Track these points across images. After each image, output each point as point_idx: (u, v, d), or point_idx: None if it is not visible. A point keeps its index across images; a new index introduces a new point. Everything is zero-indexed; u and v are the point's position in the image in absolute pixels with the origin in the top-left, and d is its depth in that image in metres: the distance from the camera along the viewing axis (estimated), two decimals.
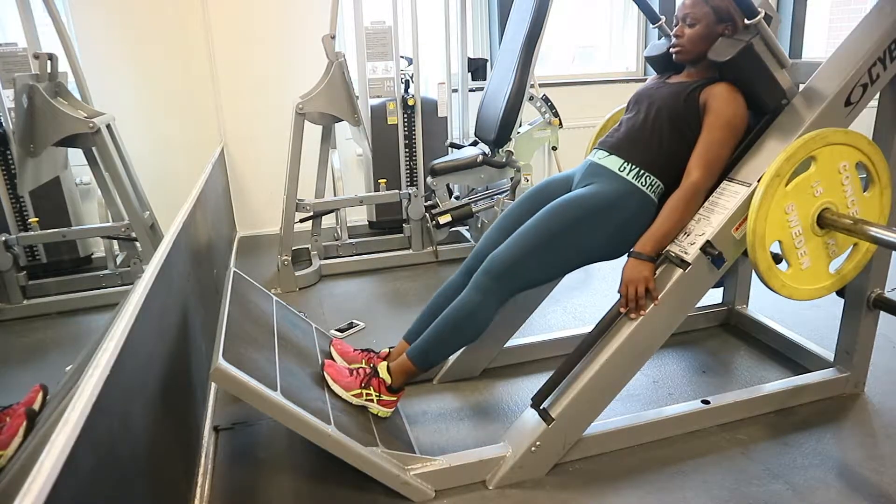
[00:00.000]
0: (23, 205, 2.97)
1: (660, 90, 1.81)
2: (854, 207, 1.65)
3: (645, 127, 1.76)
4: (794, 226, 1.60)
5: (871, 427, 1.84)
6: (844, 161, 1.61)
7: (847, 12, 5.22)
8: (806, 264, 1.64)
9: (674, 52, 1.79)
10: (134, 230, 2.84)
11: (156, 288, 1.34)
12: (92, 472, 0.88)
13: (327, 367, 1.76)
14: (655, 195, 1.72)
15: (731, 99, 1.66)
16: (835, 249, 1.68)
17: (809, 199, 1.60)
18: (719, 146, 1.66)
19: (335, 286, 3.09)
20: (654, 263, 1.62)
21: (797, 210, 1.59)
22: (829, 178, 1.61)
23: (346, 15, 3.51)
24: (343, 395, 1.70)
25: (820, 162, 1.59)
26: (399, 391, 1.75)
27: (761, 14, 1.62)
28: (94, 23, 3.45)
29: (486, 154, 3.15)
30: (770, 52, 1.65)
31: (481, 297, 1.66)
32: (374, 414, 1.72)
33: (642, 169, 1.71)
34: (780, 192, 1.56)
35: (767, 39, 1.64)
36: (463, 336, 1.70)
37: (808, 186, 1.59)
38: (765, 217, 1.55)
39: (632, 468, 1.69)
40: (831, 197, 1.62)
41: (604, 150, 1.79)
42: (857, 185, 1.65)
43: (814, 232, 1.63)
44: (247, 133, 3.84)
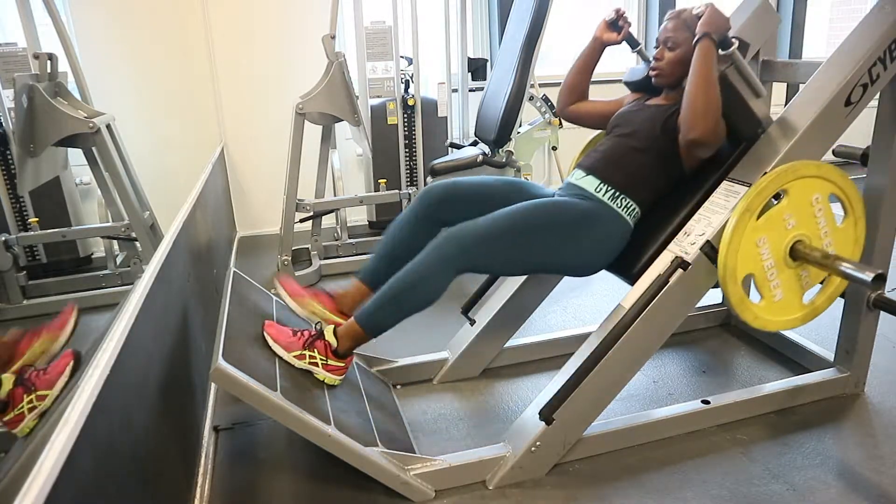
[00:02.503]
0: (23, 205, 2.97)
1: (638, 113, 1.83)
2: (828, 239, 1.65)
3: (622, 149, 1.77)
4: (766, 259, 1.60)
5: (871, 427, 1.84)
6: (817, 193, 1.61)
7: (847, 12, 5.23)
8: (779, 296, 1.64)
9: (653, 74, 1.81)
10: (134, 230, 2.84)
11: (156, 288, 1.33)
12: (92, 472, 0.88)
13: (268, 326, 1.70)
14: (631, 218, 1.73)
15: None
16: (808, 281, 1.67)
17: (781, 231, 1.60)
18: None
19: (335, 286, 3.08)
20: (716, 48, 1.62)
21: (769, 243, 1.60)
22: (801, 210, 1.61)
23: (346, 15, 3.51)
24: (284, 356, 1.65)
25: (792, 195, 1.59)
26: (346, 356, 1.70)
27: (735, 45, 1.63)
28: (94, 23, 3.45)
29: (486, 154, 3.15)
30: (745, 82, 1.66)
31: (440, 264, 1.60)
32: (322, 381, 1.67)
33: (618, 191, 1.71)
34: (750, 226, 1.56)
35: (741, 69, 1.65)
36: (415, 302, 1.64)
37: (780, 219, 1.59)
38: (736, 251, 1.55)
39: (632, 468, 1.69)
40: (804, 229, 1.62)
41: (581, 171, 1.79)
42: (831, 217, 1.64)
43: (786, 264, 1.63)
44: (247, 133, 3.84)
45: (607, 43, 1.91)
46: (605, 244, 1.71)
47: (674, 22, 1.76)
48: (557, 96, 2.05)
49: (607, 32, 1.90)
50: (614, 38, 1.90)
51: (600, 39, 1.91)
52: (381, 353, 2.14)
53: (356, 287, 1.79)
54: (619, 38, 1.90)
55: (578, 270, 1.75)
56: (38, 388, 1.42)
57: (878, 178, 1.80)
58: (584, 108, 2.02)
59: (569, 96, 2.01)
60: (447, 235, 1.63)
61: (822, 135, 1.65)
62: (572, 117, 2.05)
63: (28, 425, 1.40)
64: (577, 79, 1.99)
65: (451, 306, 2.47)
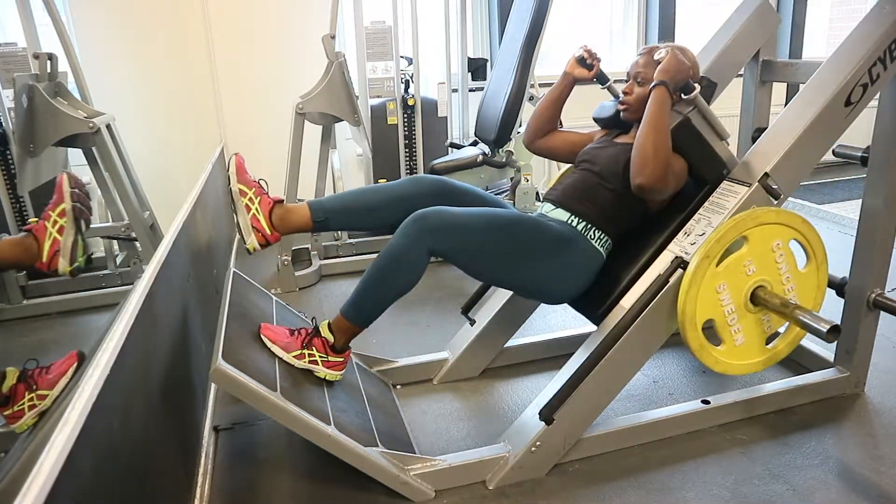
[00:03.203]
0: (22, 205, 2.96)
1: (605, 150, 1.83)
2: (789, 284, 1.65)
3: (588, 184, 1.78)
4: (727, 304, 1.61)
5: (871, 427, 1.84)
6: (777, 240, 1.62)
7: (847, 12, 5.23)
8: (740, 341, 1.65)
9: (621, 108, 1.83)
10: (134, 230, 2.84)
11: (156, 288, 1.33)
12: (92, 472, 0.87)
13: (264, 329, 1.69)
14: (604, 249, 1.74)
15: (672, 161, 1.66)
16: (770, 325, 1.68)
17: (742, 277, 1.61)
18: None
19: (335, 286, 3.09)
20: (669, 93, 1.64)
21: (729, 289, 1.60)
22: (761, 257, 1.61)
23: (346, 15, 3.51)
24: (284, 356, 1.64)
25: (752, 242, 1.59)
26: (344, 351, 1.70)
27: (697, 90, 1.65)
28: (94, 23, 3.45)
29: (486, 154, 3.15)
30: (708, 125, 1.67)
31: (409, 241, 1.56)
32: (322, 379, 1.67)
33: (589, 223, 1.72)
34: (710, 273, 1.57)
35: (705, 113, 1.66)
36: (393, 284, 1.60)
37: (739, 266, 1.60)
38: (695, 297, 1.56)
39: (632, 468, 1.69)
40: (765, 275, 1.62)
41: (550, 204, 1.80)
42: (793, 263, 1.65)
43: (747, 309, 1.64)
44: (247, 133, 3.83)
45: (578, 79, 1.91)
46: (577, 270, 1.70)
47: (645, 58, 1.77)
48: (525, 130, 2.03)
49: (578, 68, 1.90)
50: (585, 74, 1.90)
51: (571, 75, 1.91)
52: (381, 353, 2.14)
53: (301, 209, 1.71)
54: (591, 74, 1.90)
55: (547, 293, 1.73)
56: (39, 386, 1.42)
57: (878, 178, 1.80)
58: (553, 140, 2.01)
59: (538, 130, 2.00)
60: (417, 215, 1.59)
61: (822, 135, 1.65)
62: (541, 150, 2.03)
63: (27, 422, 1.40)
64: (547, 112, 1.98)
65: (451, 306, 2.48)
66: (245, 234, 1.68)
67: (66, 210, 1.46)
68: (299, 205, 1.73)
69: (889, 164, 1.77)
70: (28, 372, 1.44)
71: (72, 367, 1.45)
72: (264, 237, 1.69)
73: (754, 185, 1.62)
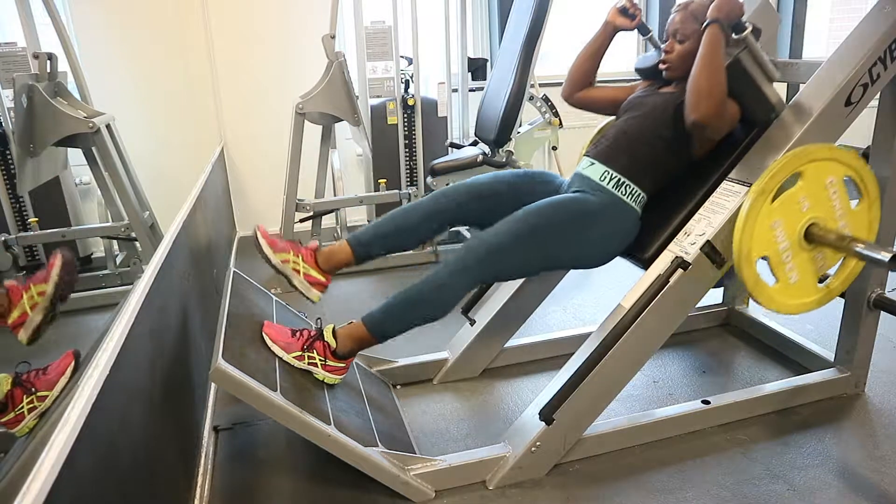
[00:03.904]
0: (22, 205, 2.96)
1: (650, 98, 1.82)
2: (842, 221, 1.65)
3: (631, 134, 1.76)
4: (781, 241, 1.60)
5: (871, 427, 1.84)
6: (831, 176, 1.61)
7: (847, 12, 5.23)
8: (794, 279, 1.64)
9: (663, 67, 1.81)
10: (134, 230, 2.84)
11: (156, 288, 1.33)
12: (92, 472, 0.87)
13: (266, 327, 1.70)
14: (637, 204, 1.73)
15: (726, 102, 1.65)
16: (823, 264, 1.67)
17: (796, 214, 1.60)
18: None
19: (335, 286, 3.07)
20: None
21: (784, 226, 1.59)
22: (816, 193, 1.60)
23: (346, 15, 3.51)
24: (284, 356, 1.65)
25: (806, 178, 1.59)
26: (346, 358, 1.69)
27: (749, 28, 1.63)
28: (94, 23, 3.45)
29: (486, 154, 3.15)
30: (758, 66, 1.66)
31: (456, 276, 1.61)
32: (321, 381, 1.67)
33: (623, 177, 1.71)
34: (765, 209, 1.56)
35: (755, 53, 1.65)
36: (426, 313, 1.64)
37: (794, 202, 1.59)
38: (750, 234, 1.55)
39: (632, 468, 1.69)
40: (819, 212, 1.62)
41: (588, 159, 1.79)
42: (845, 199, 1.64)
43: (801, 247, 1.63)
44: (247, 133, 3.83)
45: (619, 28, 1.89)
46: (614, 236, 1.72)
47: (681, 14, 1.75)
48: (564, 83, 1.99)
49: (620, 18, 1.88)
50: (627, 23, 1.87)
51: (612, 24, 1.89)
52: (381, 354, 2.14)
53: (342, 248, 1.76)
54: (633, 24, 1.88)
55: (592, 262, 1.76)
56: (38, 388, 1.42)
57: (878, 178, 1.80)
58: (594, 93, 1.99)
59: (578, 82, 1.97)
60: (463, 248, 1.64)
61: (823, 135, 1.64)
62: (582, 103, 2.00)
63: (28, 425, 1.40)
64: (586, 64, 1.95)
65: None
66: (306, 292, 1.74)
67: (45, 292, 1.49)
68: (339, 244, 1.78)
69: (889, 163, 1.77)
70: (23, 376, 1.44)
71: (69, 366, 1.45)
72: (322, 285, 1.75)
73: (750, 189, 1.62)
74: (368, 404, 1.78)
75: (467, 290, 1.65)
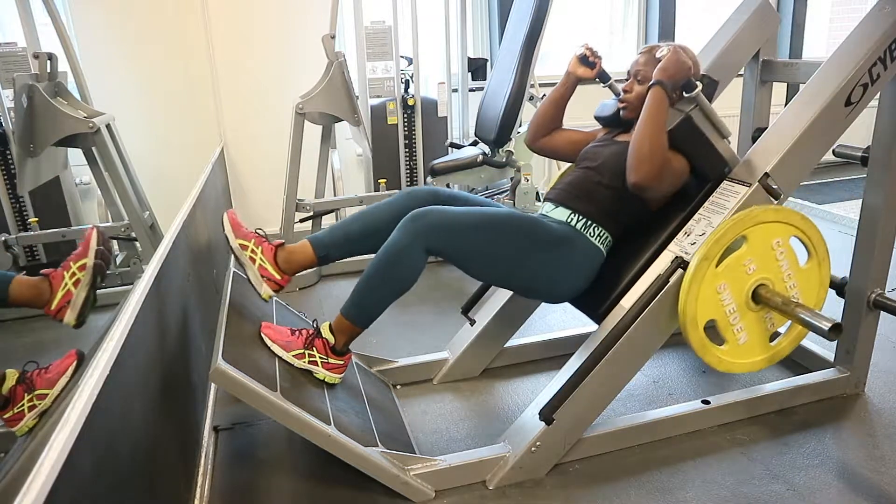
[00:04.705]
0: (22, 205, 2.96)
1: (606, 148, 1.84)
2: (791, 281, 1.65)
3: (588, 182, 1.78)
4: (728, 304, 1.61)
5: (871, 427, 1.84)
6: (777, 238, 1.62)
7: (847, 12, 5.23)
8: (743, 339, 1.65)
9: (621, 106, 1.84)
10: (134, 230, 2.84)
11: (156, 288, 1.33)
12: (92, 472, 0.87)
13: (265, 327, 1.70)
14: (604, 246, 1.74)
15: (672, 159, 1.66)
16: (773, 323, 1.67)
17: (742, 276, 1.61)
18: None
19: (335, 286, 3.09)
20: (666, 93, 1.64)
21: (730, 288, 1.60)
22: (762, 255, 1.61)
23: (346, 15, 3.51)
24: (284, 355, 1.65)
25: (751, 241, 1.59)
26: (345, 354, 1.70)
27: (699, 88, 1.64)
28: (94, 23, 3.45)
29: (486, 154, 3.15)
30: (710, 123, 1.67)
31: (408, 239, 1.57)
32: (322, 380, 1.67)
33: (589, 220, 1.72)
34: (710, 273, 1.57)
35: (706, 111, 1.66)
36: (392, 283, 1.60)
37: (740, 265, 1.60)
38: (695, 298, 1.56)
39: (632, 468, 1.69)
40: (766, 273, 1.62)
41: (551, 203, 1.80)
42: (794, 260, 1.65)
43: (749, 308, 1.64)
44: (247, 133, 3.83)
45: (580, 78, 1.91)
46: (577, 269, 1.70)
47: (645, 56, 1.78)
48: (528, 129, 2.03)
49: (580, 67, 1.89)
50: (588, 73, 1.90)
51: (574, 74, 1.91)
52: (381, 353, 2.14)
53: (303, 248, 1.72)
54: (593, 73, 1.90)
55: (547, 292, 1.74)
56: (37, 387, 1.42)
57: (878, 178, 1.80)
58: (556, 139, 2.01)
59: (540, 129, 1.99)
60: (415, 214, 1.59)
61: (823, 135, 1.65)
62: (544, 150, 2.03)
63: (27, 424, 1.40)
64: (549, 113, 1.98)
65: (451, 306, 2.48)
66: (257, 286, 1.70)
67: (87, 265, 1.48)
68: (300, 244, 1.74)
69: (889, 164, 1.77)
70: (27, 374, 1.44)
71: (71, 365, 1.45)
72: (275, 283, 1.71)
73: (754, 185, 1.62)
74: (368, 404, 1.78)
75: (422, 255, 1.59)
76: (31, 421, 1.40)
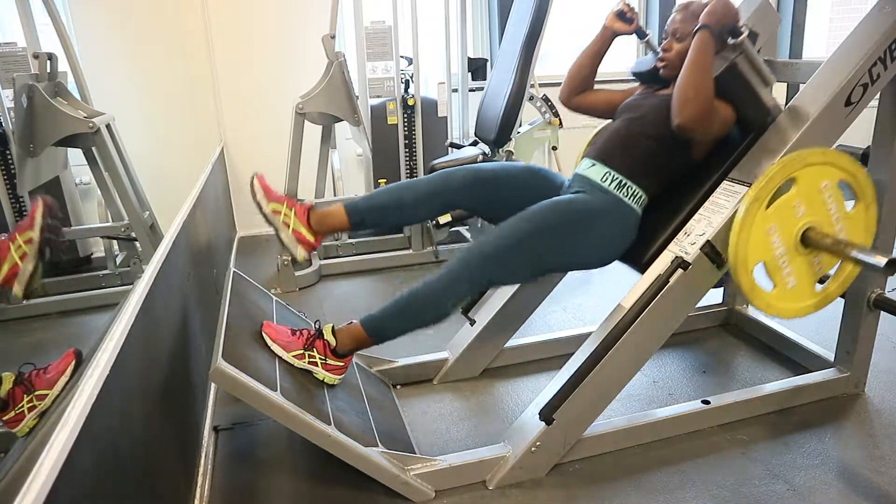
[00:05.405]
0: (22, 205, 2.96)
1: (647, 100, 1.83)
2: (839, 225, 1.65)
3: (629, 132, 1.76)
4: (777, 247, 1.60)
5: (871, 427, 1.84)
6: (826, 181, 1.61)
7: (847, 12, 5.23)
8: (791, 283, 1.64)
9: (660, 65, 1.81)
10: (134, 230, 2.84)
11: (156, 288, 1.33)
12: (92, 472, 0.87)
13: (265, 327, 1.70)
14: (639, 206, 1.73)
15: (718, 106, 1.66)
16: (821, 267, 1.67)
17: (791, 219, 1.60)
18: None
19: (335, 286, 3.09)
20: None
21: (779, 231, 1.59)
22: (811, 197, 1.60)
23: (346, 15, 3.51)
24: (284, 355, 1.65)
25: (800, 183, 1.59)
26: (346, 357, 1.70)
27: (745, 33, 1.63)
28: (94, 23, 3.45)
29: (486, 154, 3.15)
30: (754, 71, 1.66)
31: (457, 281, 1.61)
32: (321, 380, 1.67)
33: (624, 178, 1.71)
34: (760, 215, 1.56)
35: (751, 58, 1.65)
36: (426, 317, 1.64)
37: (789, 207, 1.59)
38: (746, 240, 1.55)
39: (632, 468, 1.69)
40: (814, 216, 1.62)
41: (589, 160, 1.79)
42: (841, 203, 1.64)
43: (798, 252, 1.63)
44: (247, 133, 3.84)
45: (618, 32, 1.90)
46: (615, 237, 1.72)
47: (682, 13, 1.76)
48: (562, 86, 2.00)
49: (618, 22, 1.89)
50: (625, 27, 1.88)
51: (611, 29, 1.89)
52: (381, 353, 2.14)
53: (338, 212, 1.74)
54: (630, 28, 1.88)
55: (592, 264, 1.76)
56: (37, 388, 1.42)
57: (879, 178, 1.80)
58: (592, 97, 1.99)
59: (576, 86, 1.98)
60: (465, 251, 1.63)
61: (822, 135, 1.64)
62: (580, 106, 2.01)
63: (28, 425, 1.40)
64: (585, 68, 1.96)
65: None
66: (293, 249, 1.72)
67: (32, 239, 1.47)
68: (335, 207, 1.75)
69: (889, 163, 1.77)
70: (25, 375, 1.44)
71: (70, 365, 1.45)
72: (310, 244, 1.73)
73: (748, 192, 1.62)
74: (368, 404, 1.78)
75: (465, 297, 1.65)
76: (31, 421, 1.40)
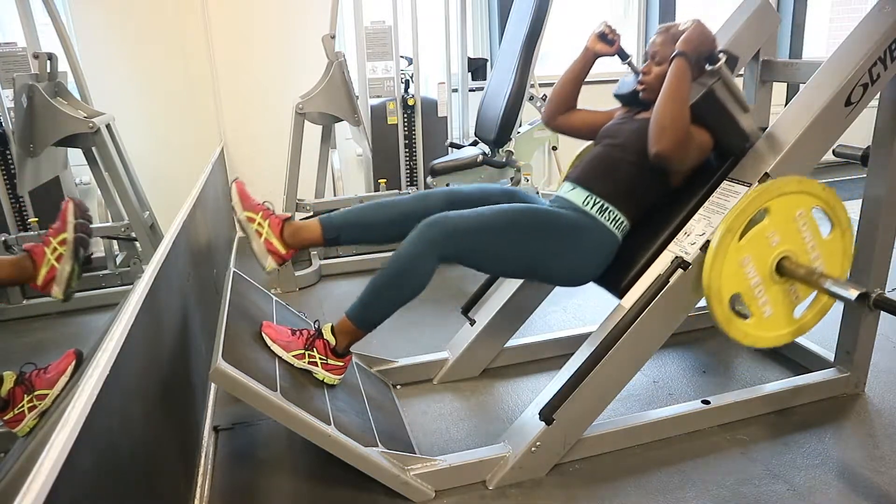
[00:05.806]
0: (22, 205, 2.96)
1: (626, 125, 1.83)
2: (815, 252, 1.65)
3: (609, 159, 1.77)
4: (752, 277, 1.60)
5: (871, 427, 1.84)
6: (800, 209, 1.61)
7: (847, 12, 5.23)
8: (768, 312, 1.64)
9: (639, 88, 1.82)
10: (134, 230, 2.84)
11: (156, 288, 1.33)
12: (92, 472, 0.87)
13: (265, 327, 1.70)
14: (619, 232, 1.73)
15: (696, 133, 1.66)
16: (797, 295, 1.67)
17: (766, 249, 1.60)
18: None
19: (335, 286, 3.09)
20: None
21: (754, 262, 1.59)
22: (785, 227, 1.60)
23: (346, 15, 3.51)
24: (284, 355, 1.65)
25: (773, 213, 1.59)
26: (345, 356, 1.70)
27: (723, 59, 1.63)
28: (94, 23, 3.45)
29: (486, 154, 3.15)
30: (732, 97, 1.66)
31: (422, 247, 1.58)
32: (321, 380, 1.67)
33: (606, 203, 1.71)
34: (733, 247, 1.56)
35: (729, 84, 1.65)
36: (402, 291, 1.61)
37: (763, 238, 1.59)
38: (719, 273, 1.56)
39: (632, 468, 1.69)
40: (789, 245, 1.62)
41: (570, 183, 1.80)
42: (816, 231, 1.64)
43: (773, 280, 1.63)
44: (247, 133, 3.83)
45: (599, 54, 1.91)
46: (592, 256, 1.70)
47: (662, 36, 1.77)
48: (545, 106, 2.03)
49: (599, 44, 1.90)
50: (607, 49, 1.89)
51: (592, 50, 1.91)
52: (381, 353, 2.14)
53: (312, 226, 1.74)
54: (612, 50, 1.90)
55: (565, 279, 1.74)
56: (37, 388, 1.42)
57: (879, 178, 1.80)
58: (574, 117, 2.01)
59: (558, 107, 2.00)
60: (429, 221, 1.60)
61: (823, 135, 1.65)
62: (562, 127, 2.03)
63: (28, 425, 1.40)
64: (566, 89, 1.98)
65: (451, 306, 2.48)
66: (262, 259, 1.72)
67: (67, 240, 1.48)
68: (309, 221, 1.75)
69: (889, 164, 1.77)
70: (25, 375, 1.44)
71: (70, 365, 1.45)
72: (280, 257, 1.72)
73: (754, 185, 1.62)
74: (368, 404, 1.78)
75: (434, 265, 1.60)
76: (31, 421, 1.40)
